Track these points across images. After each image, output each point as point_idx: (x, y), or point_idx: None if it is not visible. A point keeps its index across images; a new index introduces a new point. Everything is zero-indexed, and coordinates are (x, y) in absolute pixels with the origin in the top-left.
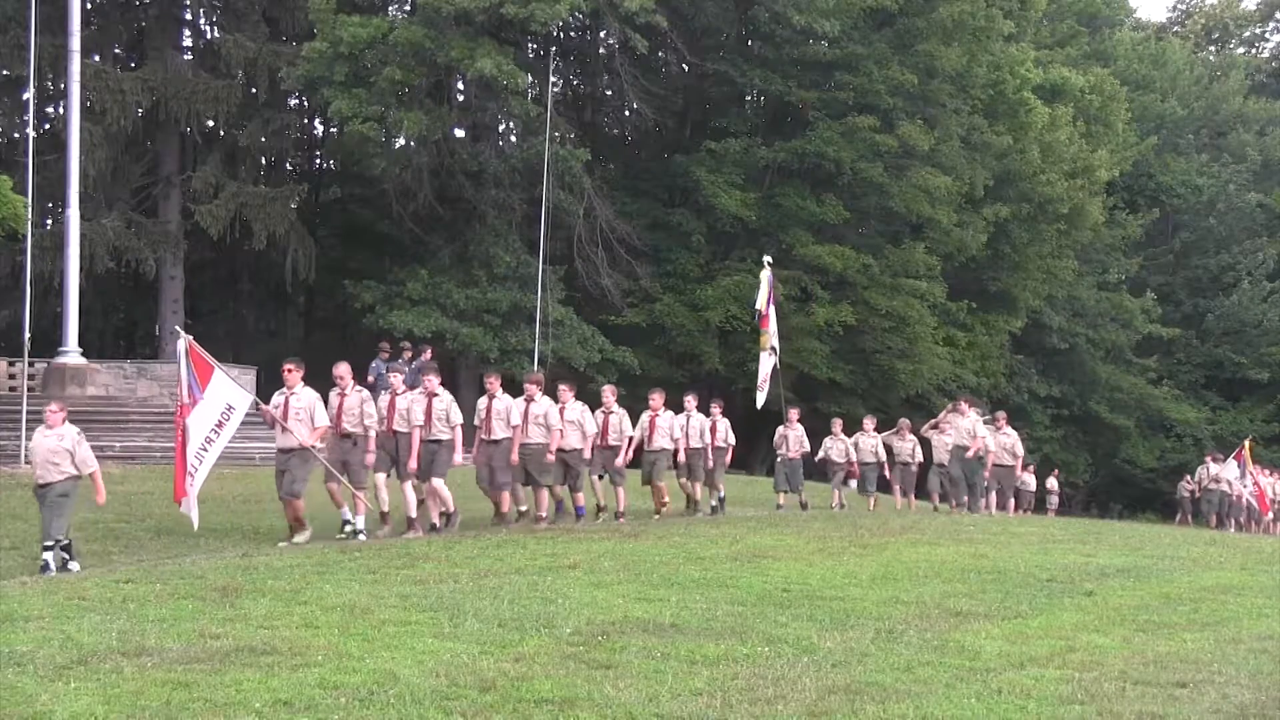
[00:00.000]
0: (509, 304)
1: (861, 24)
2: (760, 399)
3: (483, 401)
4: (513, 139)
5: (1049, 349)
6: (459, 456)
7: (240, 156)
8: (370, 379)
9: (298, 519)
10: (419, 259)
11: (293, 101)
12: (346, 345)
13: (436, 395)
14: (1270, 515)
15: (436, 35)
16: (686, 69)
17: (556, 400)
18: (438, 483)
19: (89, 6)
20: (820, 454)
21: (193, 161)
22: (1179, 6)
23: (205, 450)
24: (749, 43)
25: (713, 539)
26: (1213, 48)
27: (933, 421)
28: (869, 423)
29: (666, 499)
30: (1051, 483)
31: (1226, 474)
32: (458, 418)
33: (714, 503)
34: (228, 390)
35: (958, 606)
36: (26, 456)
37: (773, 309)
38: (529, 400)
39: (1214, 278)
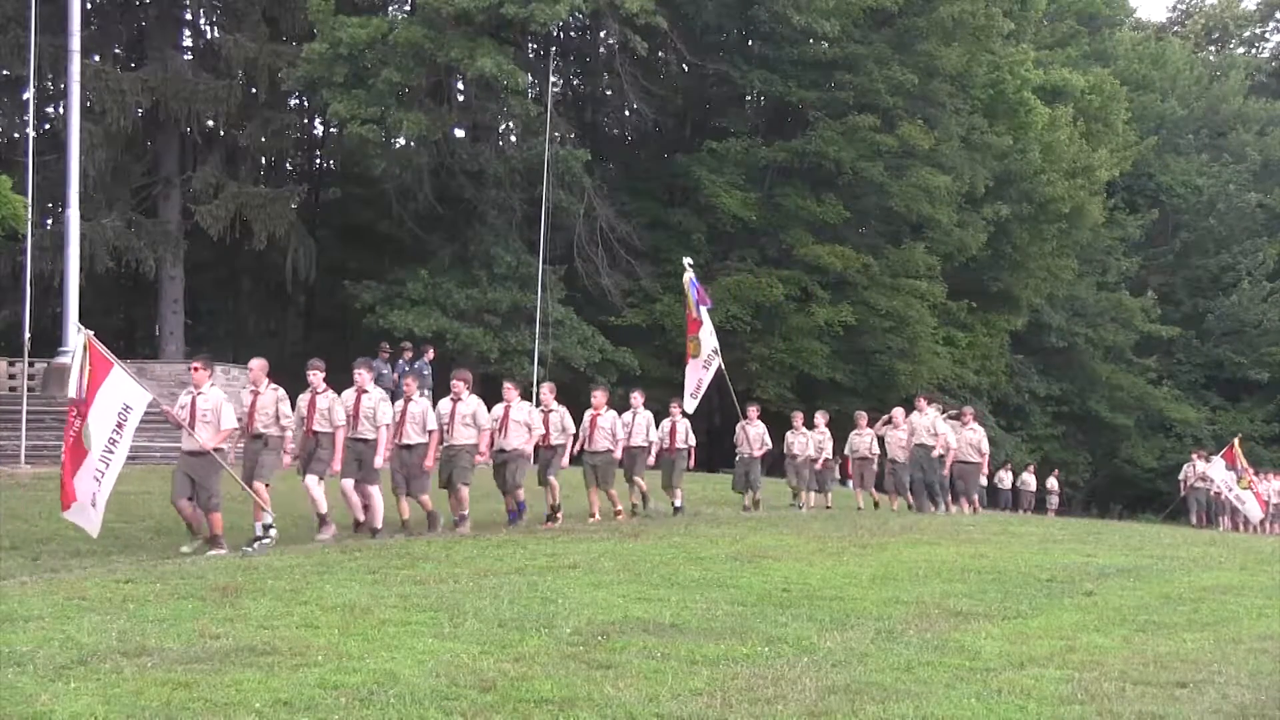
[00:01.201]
0: (509, 304)
1: (861, 24)
2: (690, 406)
3: (399, 404)
4: (513, 139)
5: (1049, 348)
6: (379, 460)
7: (240, 156)
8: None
9: (215, 533)
10: (419, 259)
11: (293, 102)
12: (346, 345)
13: (366, 392)
14: (1263, 516)
15: (436, 35)
16: (686, 69)
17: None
18: (371, 489)
19: (89, 6)
20: (784, 449)
21: (193, 161)
22: (1179, 6)
23: (110, 454)
24: (749, 43)
25: (713, 539)
26: (1213, 48)
27: (886, 417)
28: (820, 417)
29: (596, 512)
30: (1051, 483)
31: (1213, 472)
32: (385, 417)
33: (679, 503)
34: (125, 390)
35: (958, 606)
36: (26, 456)
37: (705, 311)
38: (455, 399)
39: (1214, 278)
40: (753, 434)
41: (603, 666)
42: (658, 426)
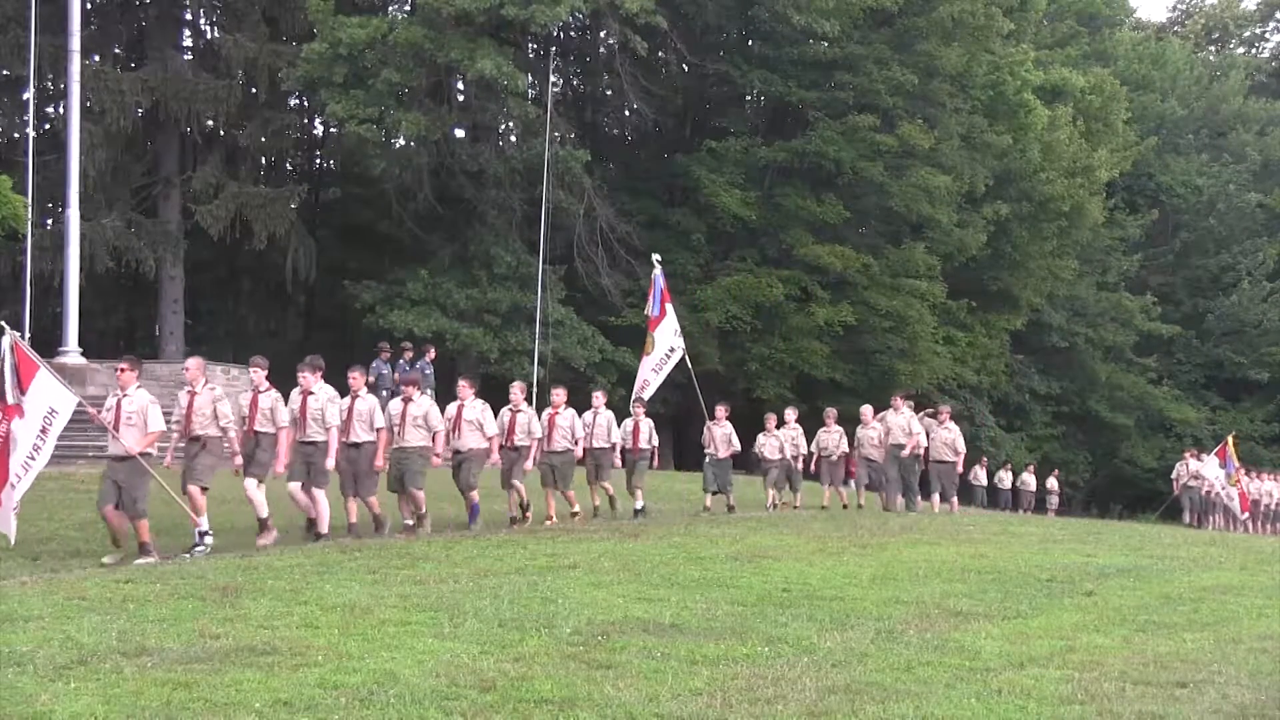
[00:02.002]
0: (509, 304)
1: (861, 24)
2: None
3: (345, 400)
4: (513, 139)
5: (1049, 348)
6: (329, 462)
7: (240, 156)
8: (370, 379)
9: (141, 540)
10: (419, 259)
11: (293, 101)
12: (346, 345)
13: (311, 394)
14: (1246, 515)
15: (436, 36)
16: (686, 69)
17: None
18: (318, 494)
19: (89, 6)
20: (755, 451)
21: (193, 161)
22: (1179, 6)
23: (32, 460)
24: (749, 43)
25: (713, 539)
26: (1213, 48)
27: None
28: (791, 414)
29: (553, 514)
30: (1051, 483)
31: (1206, 471)
32: (334, 419)
33: (640, 505)
34: (51, 392)
35: (958, 606)
36: None
37: (670, 307)
38: (406, 400)
39: (1214, 278)
40: (719, 435)
41: (603, 666)
42: (619, 426)
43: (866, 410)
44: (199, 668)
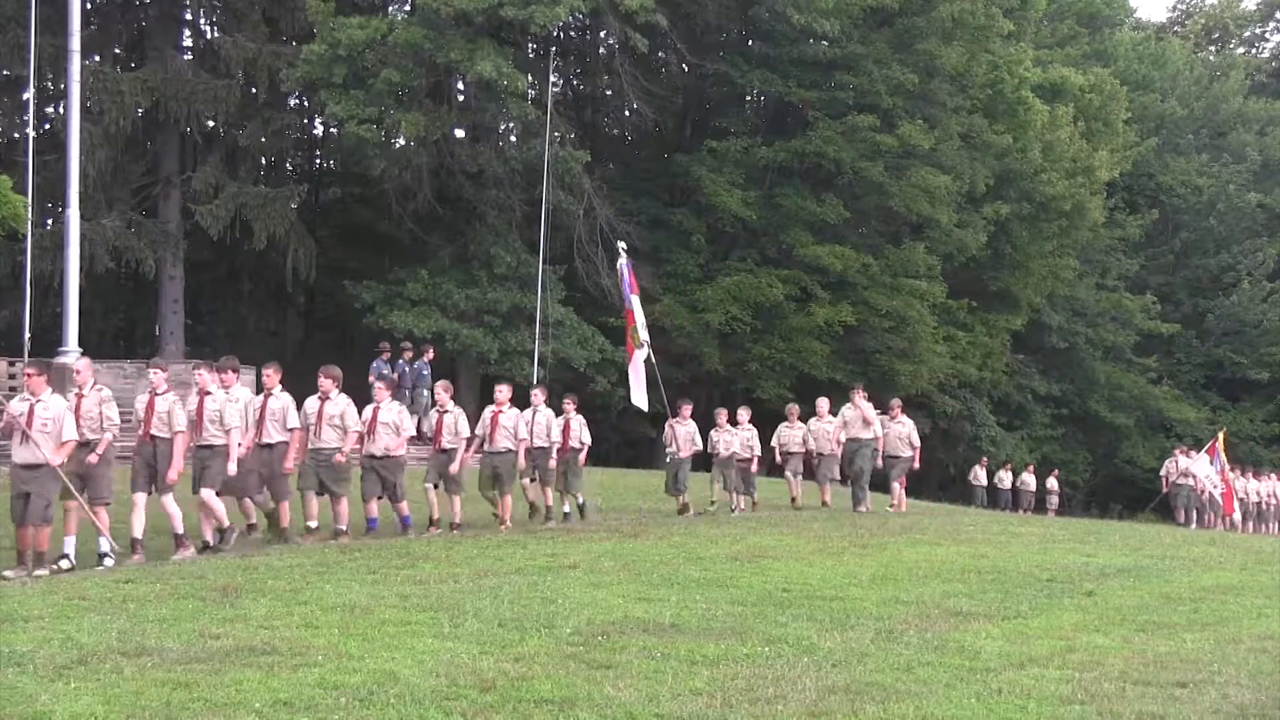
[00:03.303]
0: (509, 304)
1: (861, 23)
2: (643, 401)
3: (257, 399)
4: (513, 139)
5: (1049, 348)
6: (232, 467)
7: (240, 156)
8: (371, 379)
9: (39, 550)
10: (419, 259)
11: (293, 101)
12: (346, 345)
13: (209, 394)
14: (1235, 514)
15: (436, 36)
16: (686, 69)
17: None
18: (206, 494)
19: (89, 6)
20: (709, 448)
21: (193, 161)
22: (1179, 6)
23: None
24: (749, 42)
25: (713, 539)
26: (1213, 48)
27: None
28: (744, 413)
29: (506, 516)
30: (1051, 483)
31: (1196, 468)
32: (233, 420)
33: (566, 509)
34: None
35: (958, 606)
36: None
37: (636, 299)
38: (323, 398)
39: (1214, 278)
40: (682, 433)
41: (603, 666)
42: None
43: (822, 403)
44: (199, 668)
